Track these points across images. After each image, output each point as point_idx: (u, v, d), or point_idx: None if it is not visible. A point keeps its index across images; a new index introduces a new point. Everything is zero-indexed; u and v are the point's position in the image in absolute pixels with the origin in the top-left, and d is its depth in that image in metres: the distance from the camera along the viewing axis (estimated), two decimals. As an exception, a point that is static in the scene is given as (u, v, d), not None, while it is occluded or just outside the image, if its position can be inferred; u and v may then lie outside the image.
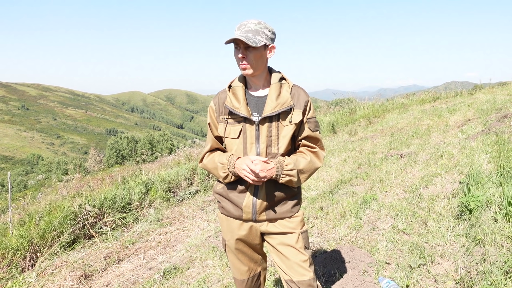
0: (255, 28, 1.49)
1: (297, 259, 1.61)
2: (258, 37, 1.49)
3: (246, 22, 1.51)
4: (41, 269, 3.43)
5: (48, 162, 50.52)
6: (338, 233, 3.24)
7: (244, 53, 1.50)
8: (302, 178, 1.61)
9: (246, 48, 1.50)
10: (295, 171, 1.56)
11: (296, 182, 1.59)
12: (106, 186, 6.07)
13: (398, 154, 5.98)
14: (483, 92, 14.13)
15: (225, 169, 1.58)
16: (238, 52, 1.52)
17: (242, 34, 1.48)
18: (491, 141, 5.35)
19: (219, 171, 1.60)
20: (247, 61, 1.51)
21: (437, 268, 2.45)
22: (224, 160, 1.59)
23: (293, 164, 1.55)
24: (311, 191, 4.88)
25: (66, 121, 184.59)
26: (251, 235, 1.69)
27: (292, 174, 1.55)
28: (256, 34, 1.49)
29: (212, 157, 1.67)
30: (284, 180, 1.55)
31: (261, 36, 1.49)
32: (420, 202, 3.64)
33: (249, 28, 1.49)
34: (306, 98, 1.60)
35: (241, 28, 1.51)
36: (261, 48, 1.51)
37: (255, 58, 1.51)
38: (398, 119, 10.39)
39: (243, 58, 1.51)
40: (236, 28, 1.53)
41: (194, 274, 3.09)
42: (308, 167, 1.61)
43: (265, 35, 1.51)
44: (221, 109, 1.63)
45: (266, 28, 1.51)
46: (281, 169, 1.53)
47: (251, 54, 1.50)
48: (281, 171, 1.53)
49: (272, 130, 1.56)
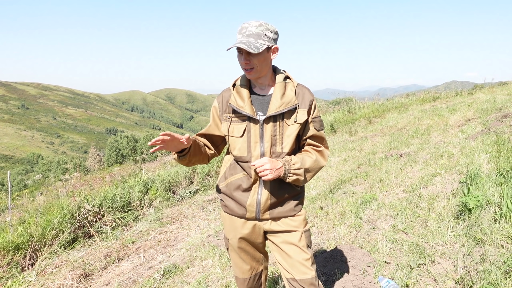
0: (257, 32, 1.47)
1: (300, 257, 1.61)
2: (260, 41, 1.46)
3: (247, 25, 1.49)
4: (41, 268, 3.43)
5: (48, 161, 50.51)
6: (338, 233, 3.25)
7: (247, 59, 1.49)
8: (308, 177, 1.62)
9: (249, 54, 1.49)
10: (302, 170, 1.56)
11: (302, 181, 1.59)
12: (106, 185, 6.07)
13: (398, 154, 5.98)
14: (483, 92, 14.13)
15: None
16: (241, 57, 1.51)
17: (243, 39, 1.46)
18: (491, 140, 5.35)
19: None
20: (250, 66, 1.50)
21: (437, 268, 2.45)
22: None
23: (300, 163, 1.56)
24: (311, 190, 4.88)
25: (66, 120, 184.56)
26: (254, 233, 1.69)
27: (299, 173, 1.55)
28: (258, 38, 1.47)
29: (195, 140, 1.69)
30: (291, 179, 1.55)
31: (263, 39, 1.47)
32: (420, 202, 3.64)
33: (250, 32, 1.47)
34: (311, 98, 1.60)
35: (242, 32, 1.48)
36: (264, 52, 1.49)
37: (258, 62, 1.50)
38: (398, 119, 10.39)
39: (246, 63, 1.50)
40: (238, 31, 1.51)
41: (194, 273, 3.09)
42: (314, 166, 1.61)
43: (267, 37, 1.49)
44: (225, 108, 1.63)
45: (268, 29, 1.49)
46: (288, 168, 1.53)
47: (255, 59, 1.49)
48: (288, 170, 1.53)
49: (277, 129, 1.56)
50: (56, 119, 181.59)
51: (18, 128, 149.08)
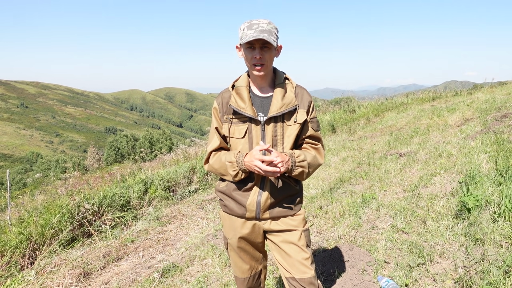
0: (268, 28, 1.48)
1: (299, 256, 1.62)
2: (272, 37, 1.49)
3: (257, 21, 1.49)
4: (40, 267, 3.43)
5: (47, 160, 50.43)
6: (337, 232, 3.25)
7: (260, 53, 1.50)
8: (310, 171, 1.63)
9: (262, 48, 1.50)
10: (306, 162, 1.58)
11: (306, 174, 1.60)
12: (105, 184, 6.07)
13: (397, 153, 5.98)
14: (482, 92, 14.14)
15: (235, 167, 1.55)
16: (252, 52, 1.50)
17: (259, 34, 1.45)
18: (490, 140, 5.35)
19: (229, 170, 1.58)
20: (263, 61, 1.51)
21: (436, 267, 2.45)
22: (232, 158, 1.56)
23: (303, 156, 1.58)
24: (310, 190, 4.88)
25: (65, 119, 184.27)
26: (254, 233, 1.70)
27: (304, 165, 1.57)
28: (270, 34, 1.48)
29: (218, 156, 1.64)
30: (297, 171, 1.56)
31: (273, 36, 1.50)
32: (419, 201, 3.64)
33: (263, 28, 1.47)
34: (309, 99, 1.64)
35: (253, 28, 1.47)
36: (273, 49, 1.53)
37: (269, 58, 1.53)
38: (398, 118, 10.40)
39: (260, 58, 1.50)
40: (246, 27, 1.49)
41: (193, 272, 3.09)
42: (314, 161, 1.63)
43: (275, 35, 1.52)
44: (225, 109, 1.63)
45: (275, 28, 1.52)
46: (294, 160, 1.55)
47: (267, 54, 1.51)
48: (294, 163, 1.55)
49: (277, 130, 1.58)
50: (55, 118, 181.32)
51: (17, 127, 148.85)
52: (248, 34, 1.47)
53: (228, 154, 1.60)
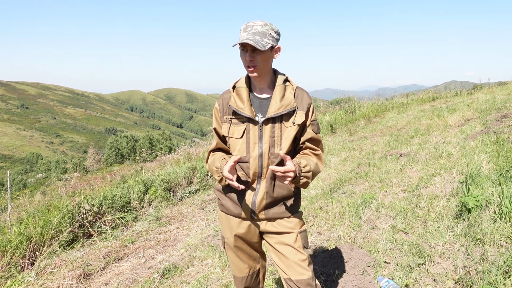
0: (262, 30, 1.49)
1: (296, 258, 1.62)
2: (265, 40, 1.49)
3: (252, 23, 1.51)
4: (41, 268, 3.43)
5: (48, 161, 50.49)
6: (337, 233, 3.25)
7: (251, 56, 1.51)
8: (312, 180, 1.63)
9: (254, 51, 1.51)
10: (311, 173, 1.57)
11: (309, 183, 1.60)
12: (105, 185, 6.07)
13: (397, 154, 5.98)
14: (482, 92, 14.14)
15: (219, 172, 1.61)
16: (245, 54, 1.52)
17: (250, 37, 1.47)
18: (491, 140, 5.35)
19: (214, 175, 1.66)
20: (254, 63, 1.52)
21: (436, 268, 2.45)
22: (217, 164, 1.62)
23: (309, 166, 1.56)
24: (310, 190, 4.88)
25: (66, 120, 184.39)
26: (250, 233, 1.71)
27: (309, 176, 1.56)
28: (263, 36, 1.49)
29: (213, 159, 1.69)
30: (302, 181, 1.55)
31: (268, 38, 1.50)
32: (420, 202, 3.64)
33: (256, 30, 1.49)
34: (309, 101, 1.63)
35: (247, 30, 1.50)
36: (268, 50, 1.52)
37: (262, 60, 1.53)
38: (398, 119, 10.40)
39: (251, 60, 1.51)
40: (242, 29, 1.53)
41: (193, 273, 3.09)
42: (316, 170, 1.62)
43: (272, 37, 1.52)
44: (225, 109, 1.65)
45: (272, 29, 1.52)
46: (300, 171, 1.53)
47: (259, 57, 1.51)
48: (300, 173, 1.53)
49: (275, 131, 1.58)
50: (55, 118, 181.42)
51: (18, 128, 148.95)
52: (241, 37, 1.50)
53: (217, 160, 1.65)
